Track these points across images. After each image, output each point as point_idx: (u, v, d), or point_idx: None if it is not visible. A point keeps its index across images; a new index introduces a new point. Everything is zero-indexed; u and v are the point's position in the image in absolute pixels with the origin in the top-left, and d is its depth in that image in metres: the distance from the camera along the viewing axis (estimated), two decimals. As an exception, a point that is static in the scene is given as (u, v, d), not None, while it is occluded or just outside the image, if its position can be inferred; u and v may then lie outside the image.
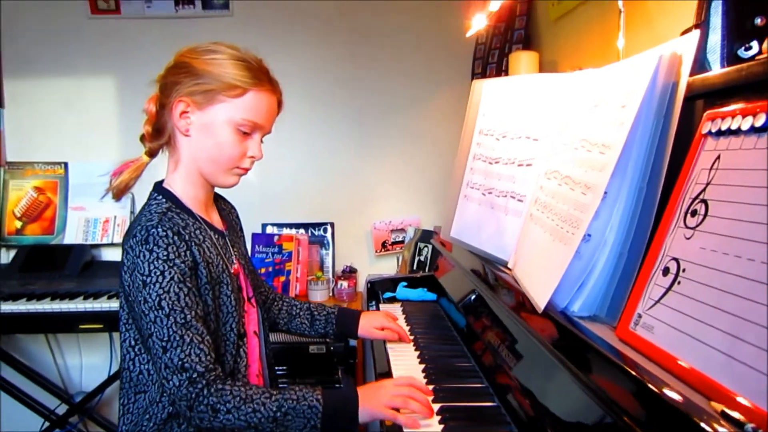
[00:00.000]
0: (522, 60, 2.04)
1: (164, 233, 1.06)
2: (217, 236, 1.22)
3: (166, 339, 1.03)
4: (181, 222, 1.13)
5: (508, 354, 1.08)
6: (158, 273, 1.05)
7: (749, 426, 0.49)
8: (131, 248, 1.07)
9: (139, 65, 1.19)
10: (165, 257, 1.05)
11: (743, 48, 0.90)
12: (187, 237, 1.10)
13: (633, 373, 0.65)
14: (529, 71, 1.98)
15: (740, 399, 0.53)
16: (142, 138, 1.21)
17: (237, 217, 1.43)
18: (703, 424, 0.52)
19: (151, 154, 1.21)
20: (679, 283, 0.66)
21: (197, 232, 1.15)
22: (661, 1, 1.40)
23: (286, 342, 2.39)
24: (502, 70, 2.30)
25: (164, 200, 1.16)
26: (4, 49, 2.64)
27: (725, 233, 0.62)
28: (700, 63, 0.94)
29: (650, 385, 0.61)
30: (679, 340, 0.63)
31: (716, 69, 0.88)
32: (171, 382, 1.03)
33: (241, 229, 1.43)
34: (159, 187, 1.20)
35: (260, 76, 1.16)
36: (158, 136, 1.19)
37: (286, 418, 1.05)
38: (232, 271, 1.22)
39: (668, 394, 0.59)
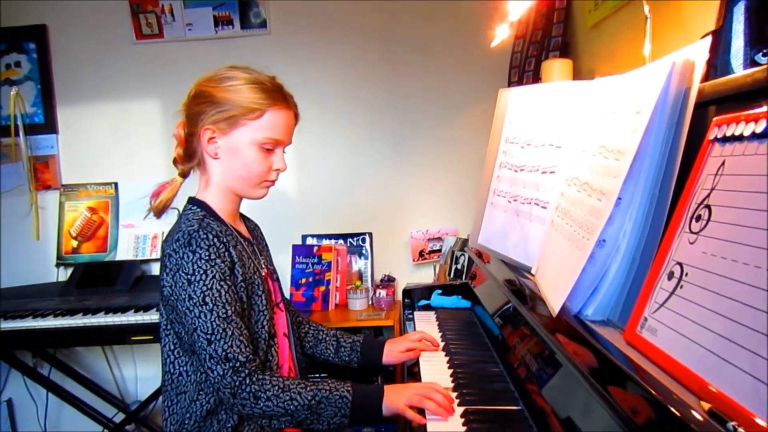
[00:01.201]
0: (555, 68, 2.03)
1: (205, 236, 1.16)
2: (246, 243, 1.31)
3: (210, 332, 1.12)
4: (216, 227, 1.21)
5: (531, 360, 1.10)
6: (202, 272, 1.13)
7: (731, 424, 0.51)
8: (174, 251, 1.16)
9: (181, 86, 1.27)
10: (207, 257, 1.15)
11: (761, 53, 0.90)
12: (224, 240, 1.20)
13: (635, 377, 0.67)
14: (563, 79, 1.98)
15: (730, 399, 0.54)
16: (175, 161, 1.31)
17: (261, 234, 1.51)
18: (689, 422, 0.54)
19: (184, 175, 1.32)
20: (681, 287, 0.68)
21: (230, 237, 1.24)
22: (693, 3, 1.40)
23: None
24: (538, 78, 2.29)
25: (199, 210, 1.26)
26: (56, 78, 2.80)
27: (725, 238, 0.63)
28: (724, 68, 0.95)
29: (653, 390, 0.63)
30: (678, 343, 0.64)
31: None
32: (215, 372, 1.12)
33: (267, 245, 1.50)
34: (193, 199, 1.30)
35: (274, 95, 1.24)
36: (189, 160, 1.29)
37: (319, 406, 1.14)
38: (263, 274, 1.31)
39: (666, 398, 0.61)
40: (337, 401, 1.15)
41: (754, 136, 0.65)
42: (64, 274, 2.79)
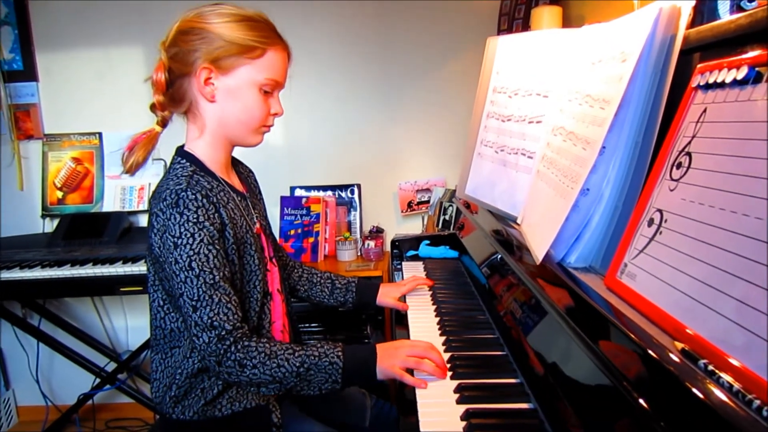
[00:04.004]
0: (545, 15, 2.01)
1: (194, 196, 1.09)
2: (239, 198, 1.26)
3: (196, 299, 1.07)
4: (207, 185, 1.15)
5: (516, 307, 1.12)
6: (189, 235, 1.08)
7: (702, 362, 0.53)
8: (161, 211, 1.09)
9: (164, 32, 1.20)
10: (195, 220, 1.09)
11: (747, -1, 0.89)
12: (214, 199, 1.13)
13: (614, 321, 0.68)
14: (552, 27, 1.96)
15: (703, 339, 0.56)
16: (153, 107, 1.21)
17: (255, 180, 1.46)
18: (664, 363, 0.56)
19: (164, 123, 1.22)
20: (661, 233, 0.69)
21: (221, 194, 1.18)
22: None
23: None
24: (528, 26, 2.26)
25: (188, 164, 1.19)
26: (34, 23, 2.71)
27: (704, 184, 0.64)
28: (711, 14, 0.94)
29: (630, 333, 0.65)
30: (656, 287, 0.66)
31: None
32: (201, 339, 1.08)
33: (260, 192, 1.45)
34: (182, 151, 1.22)
35: (272, 34, 1.18)
36: (176, 105, 1.20)
37: (308, 373, 1.10)
38: (255, 230, 1.26)
39: (643, 340, 0.62)
40: (327, 368, 1.11)
41: (735, 83, 0.66)
42: (50, 226, 2.77)
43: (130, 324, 2.92)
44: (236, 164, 1.39)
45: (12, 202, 2.81)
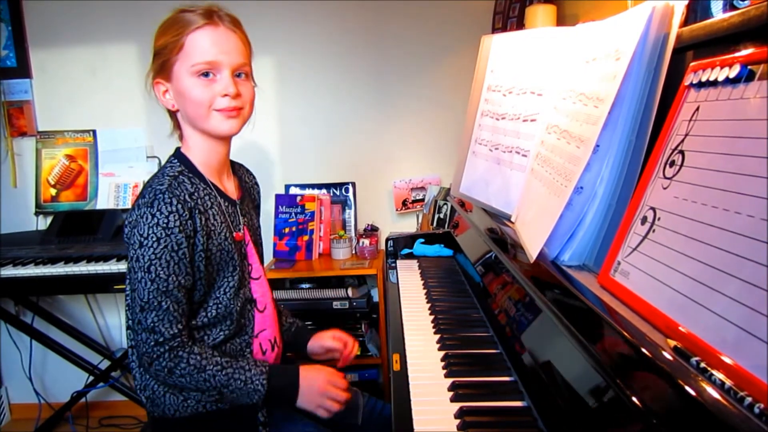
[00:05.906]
0: (539, 14, 2.01)
1: (169, 200, 1.12)
2: (227, 204, 1.26)
3: (145, 300, 1.12)
4: (190, 187, 1.17)
5: (510, 305, 1.13)
6: (155, 239, 1.10)
7: (694, 359, 0.53)
8: (138, 206, 1.13)
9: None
10: (165, 225, 1.11)
11: (740, -3, 0.89)
12: (191, 204, 1.15)
13: (607, 319, 0.69)
14: (546, 25, 1.96)
15: (695, 337, 0.56)
16: (174, 131, 1.32)
17: (258, 193, 1.48)
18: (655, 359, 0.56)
19: (182, 138, 1.30)
20: (654, 231, 0.69)
21: (205, 197, 1.20)
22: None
23: (312, 299, 2.47)
24: (523, 24, 2.26)
25: (178, 164, 1.22)
26: (28, 20, 2.70)
27: (696, 182, 0.64)
28: (704, 12, 0.94)
29: (623, 331, 0.65)
30: (649, 285, 0.66)
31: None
32: (140, 337, 1.14)
33: (258, 206, 1.47)
34: (177, 152, 1.26)
35: (194, 19, 1.16)
36: (173, 121, 1.29)
37: (232, 394, 1.18)
38: (236, 237, 1.26)
39: (636, 338, 0.63)
40: (251, 393, 1.18)
41: (728, 81, 0.66)
42: (43, 223, 2.76)
43: (123, 322, 2.91)
44: (241, 172, 1.42)
45: (5, 200, 2.80)
